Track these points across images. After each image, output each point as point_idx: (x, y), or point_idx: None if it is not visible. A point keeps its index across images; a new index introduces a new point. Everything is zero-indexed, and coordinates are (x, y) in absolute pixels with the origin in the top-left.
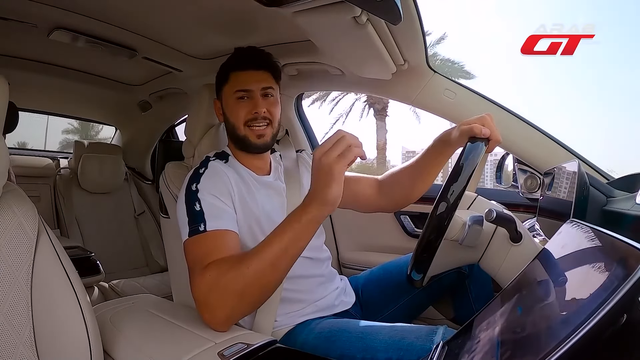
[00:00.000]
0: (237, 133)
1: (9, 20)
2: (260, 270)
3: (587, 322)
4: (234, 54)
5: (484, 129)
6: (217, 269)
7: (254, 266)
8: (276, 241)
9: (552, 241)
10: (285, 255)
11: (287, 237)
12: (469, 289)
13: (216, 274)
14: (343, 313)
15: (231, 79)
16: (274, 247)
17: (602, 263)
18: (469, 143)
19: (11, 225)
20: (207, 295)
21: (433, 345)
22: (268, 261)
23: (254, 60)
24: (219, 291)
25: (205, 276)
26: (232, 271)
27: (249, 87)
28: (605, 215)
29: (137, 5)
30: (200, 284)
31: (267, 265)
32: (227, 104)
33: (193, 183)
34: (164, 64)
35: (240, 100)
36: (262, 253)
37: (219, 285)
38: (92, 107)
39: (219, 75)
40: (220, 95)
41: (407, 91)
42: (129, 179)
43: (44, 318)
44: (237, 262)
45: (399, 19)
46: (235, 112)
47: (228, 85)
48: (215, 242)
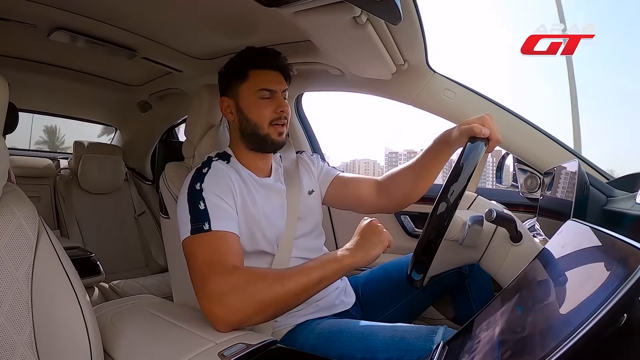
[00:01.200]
0: (259, 132)
1: (9, 21)
2: (293, 292)
3: (587, 322)
4: (253, 52)
5: (483, 128)
6: (248, 276)
7: (288, 286)
8: (315, 270)
9: (552, 241)
10: (317, 286)
11: (325, 271)
12: (469, 289)
13: (245, 280)
14: (343, 313)
15: (251, 77)
16: (313, 275)
17: (602, 263)
18: (468, 143)
19: (11, 225)
20: (227, 296)
21: (433, 346)
22: (302, 286)
23: (276, 61)
24: (243, 296)
25: (231, 277)
26: (264, 284)
27: (273, 87)
28: (605, 215)
29: (136, 6)
30: (222, 283)
31: (301, 290)
32: (247, 103)
33: (197, 182)
34: (164, 65)
35: (263, 100)
36: (300, 277)
37: (245, 291)
38: (92, 107)
39: (232, 73)
40: (232, 93)
41: (407, 91)
42: (129, 180)
43: (44, 318)
44: (273, 279)
45: (399, 19)
46: (260, 111)
47: (248, 83)
48: (217, 242)
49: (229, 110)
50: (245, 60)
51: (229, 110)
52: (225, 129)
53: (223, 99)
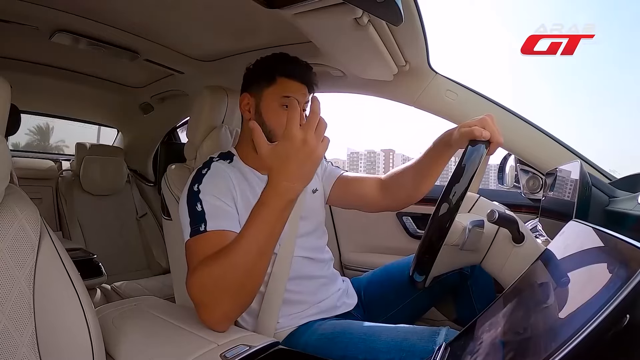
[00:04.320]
0: (272, 139)
1: (10, 23)
2: (250, 261)
3: (589, 324)
4: (286, 59)
5: (484, 131)
6: (206, 268)
7: (240, 257)
8: (261, 227)
9: (555, 242)
10: (271, 238)
11: (271, 218)
12: (470, 290)
13: (206, 273)
14: (345, 314)
15: (278, 83)
16: (260, 234)
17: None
18: (469, 146)
19: (13, 227)
20: (201, 295)
21: (435, 347)
22: (255, 250)
23: (306, 74)
24: (210, 289)
25: (195, 276)
26: (219, 267)
27: (298, 98)
28: (607, 215)
29: (138, 8)
30: (193, 284)
31: (255, 254)
32: (268, 107)
33: (195, 184)
34: (166, 66)
35: (284, 109)
36: (247, 242)
37: (209, 283)
38: (94, 109)
39: (260, 73)
40: (256, 93)
41: (409, 92)
42: (131, 181)
43: (46, 320)
44: (223, 257)
45: (400, 20)
46: (279, 120)
47: (273, 88)
48: (214, 242)
49: (247, 108)
50: (277, 65)
51: (248, 108)
52: (227, 130)
53: (245, 95)
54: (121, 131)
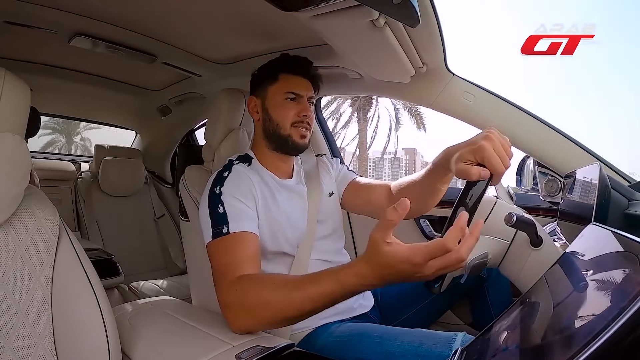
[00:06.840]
0: (280, 132)
1: (30, 27)
2: (298, 309)
3: (607, 329)
4: (286, 58)
5: (482, 171)
6: (247, 289)
7: (291, 301)
8: (325, 298)
9: (573, 245)
10: (324, 306)
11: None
12: (487, 293)
13: (243, 292)
14: (362, 316)
15: (281, 79)
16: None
17: (624, 268)
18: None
19: (32, 227)
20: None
21: (451, 352)
22: (309, 307)
23: (307, 69)
24: (251, 304)
25: (233, 288)
26: (270, 293)
27: (300, 92)
28: (627, 218)
29: (156, 12)
30: (227, 293)
31: (306, 311)
32: (273, 103)
33: (217, 186)
34: (183, 69)
35: (288, 101)
36: (303, 298)
37: (244, 303)
38: (112, 111)
39: (264, 74)
40: (261, 93)
41: (426, 94)
42: (149, 183)
43: (63, 318)
44: (280, 289)
45: (417, 22)
46: (284, 111)
47: (277, 85)
48: (237, 244)
49: (255, 109)
50: (278, 64)
51: (255, 109)
52: (244, 133)
53: (251, 98)
54: (139, 133)
